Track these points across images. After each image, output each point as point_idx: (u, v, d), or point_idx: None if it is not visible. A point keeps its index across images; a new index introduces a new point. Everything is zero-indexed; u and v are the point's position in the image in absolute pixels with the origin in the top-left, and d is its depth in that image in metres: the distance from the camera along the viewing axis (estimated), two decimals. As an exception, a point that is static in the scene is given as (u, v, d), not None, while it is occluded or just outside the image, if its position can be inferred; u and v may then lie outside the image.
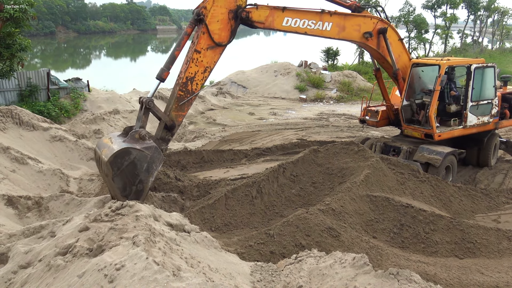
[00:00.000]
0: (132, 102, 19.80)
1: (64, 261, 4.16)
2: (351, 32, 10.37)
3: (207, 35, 7.91)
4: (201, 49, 7.94)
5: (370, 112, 12.93)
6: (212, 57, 8.09)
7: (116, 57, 66.40)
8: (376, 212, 8.04)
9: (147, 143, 7.40)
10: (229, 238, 7.26)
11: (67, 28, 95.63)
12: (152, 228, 4.47)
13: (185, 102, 8.04)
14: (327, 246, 6.59)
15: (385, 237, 7.66)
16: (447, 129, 11.74)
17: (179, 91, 7.98)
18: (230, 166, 12.27)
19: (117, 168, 7.10)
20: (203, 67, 8.06)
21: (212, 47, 8.02)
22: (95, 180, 10.69)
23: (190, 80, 8.00)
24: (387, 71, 12.09)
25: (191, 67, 7.94)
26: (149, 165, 7.31)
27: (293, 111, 23.10)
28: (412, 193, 9.07)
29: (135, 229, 4.40)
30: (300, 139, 15.79)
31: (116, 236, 4.31)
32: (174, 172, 10.59)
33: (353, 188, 8.25)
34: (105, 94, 20.12)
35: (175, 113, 8.06)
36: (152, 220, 4.79)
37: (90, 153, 12.00)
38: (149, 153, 7.28)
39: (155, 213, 5.06)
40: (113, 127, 15.49)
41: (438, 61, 11.80)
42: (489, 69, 12.24)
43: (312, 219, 6.98)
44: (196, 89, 8.06)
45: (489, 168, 12.79)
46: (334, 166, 9.57)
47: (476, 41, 51.62)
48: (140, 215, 4.67)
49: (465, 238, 7.61)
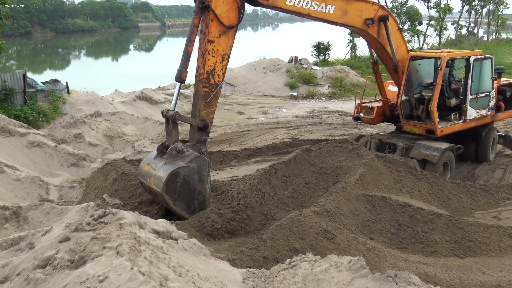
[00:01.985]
0: (114, 104, 19.66)
1: (44, 274, 4.10)
2: (353, 18, 10.49)
3: (216, 21, 7.89)
4: (214, 38, 7.94)
5: (364, 109, 12.97)
6: (227, 43, 8.12)
7: (97, 56, 65.98)
8: (372, 212, 8.06)
9: (188, 156, 7.62)
10: (220, 244, 7.22)
11: (44, 28, 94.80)
12: (137, 236, 4.43)
13: (212, 97, 8.11)
14: (322, 249, 6.59)
15: (383, 238, 7.68)
16: (448, 124, 11.81)
17: (203, 88, 8.04)
18: (219, 168, 12.23)
19: (173, 193, 7.45)
20: (220, 55, 8.09)
21: (224, 32, 8.02)
22: (76, 187, 10.59)
23: (211, 73, 8.06)
24: (386, 63, 12.14)
25: (209, 60, 7.96)
26: (200, 175, 7.63)
27: (284, 109, 23.11)
28: (409, 191, 9.11)
29: (118, 238, 4.35)
30: (292, 138, 15.79)
31: (99, 246, 4.26)
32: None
33: (348, 188, 8.27)
34: (86, 96, 19.96)
35: (205, 111, 8.13)
36: (137, 227, 4.75)
37: (70, 159, 11.88)
38: (195, 164, 7.56)
39: (140, 220, 5.01)
40: (95, 130, 15.37)
41: (438, 53, 11.88)
42: (487, 61, 12.36)
43: (306, 221, 6.97)
44: (219, 81, 8.13)
45: (488, 163, 12.90)
46: (327, 166, 9.59)
47: (472, 32, 52.15)
48: (124, 223, 4.62)
49: (465, 237, 7.67)
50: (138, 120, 17.81)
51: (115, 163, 10.50)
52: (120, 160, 10.90)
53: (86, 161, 12.20)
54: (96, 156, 13.11)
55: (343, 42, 40.66)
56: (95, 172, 10.81)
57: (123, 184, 9.48)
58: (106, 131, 15.66)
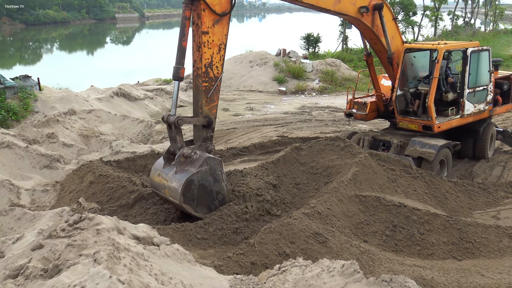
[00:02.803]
0: (90, 101, 19.50)
1: (16, 284, 4.06)
2: (346, 5, 10.56)
3: (208, 10, 7.88)
4: (207, 29, 7.95)
5: (357, 104, 13.04)
6: (222, 32, 8.14)
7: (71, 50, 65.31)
8: (366, 213, 8.12)
9: (197, 160, 7.82)
10: (205, 250, 7.22)
11: (12, 19, 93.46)
12: (115, 242, 4.41)
13: (213, 92, 8.19)
14: (314, 253, 6.62)
15: (377, 241, 7.74)
16: (445, 119, 11.93)
17: (203, 83, 8.09)
18: (203, 169, 12.19)
19: (192, 201, 7.70)
20: (217, 46, 8.13)
21: (217, 21, 8.04)
22: (50, 190, 10.48)
23: (209, 66, 8.11)
24: (380, 55, 12.22)
25: (205, 52, 7.99)
26: (214, 175, 7.87)
27: (272, 105, 23.15)
28: (405, 191, 9.20)
29: (96, 244, 4.33)
30: (281, 136, 15.82)
31: (75, 253, 4.24)
32: (140, 178, 10.47)
33: (340, 188, 8.32)
34: (59, 92, 19.76)
35: (208, 107, 8.25)
36: (115, 233, 4.73)
37: (43, 161, 11.75)
38: (207, 167, 7.78)
39: (119, 225, 4.99)
40: (69, 129, 15.23)
41: (434, 45, 11.99)
42: (484, 53, 12.51)
43: (296, 224, 7.00)
44: (218, 73, 8.22)
45: (486, 161, 13.07)
46: (318, 165, 9.64)
47: (468, 22, 52.78)
48: (102, 229, 4.60)
49: (463, 238, 7.76)
50: (115, 118, 17.68)
51: (91, 164, 10.42)
52: (96, 161, 10.81)
53: (60, 162, 12.08)
54: (70, 157, 12.98)
55: (334, 34, 40.85)
56: (70, 174, 10.71)
57: (100, 187, 9.41)
58: (81, 130, 15.52)
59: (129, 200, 8.93)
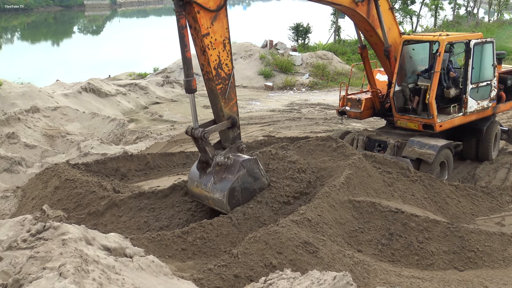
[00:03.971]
0: (55, 97, 19.32)
1: (-29, 302, 4.01)
2: None
3: (203, 10, 7.99)
4: (207, 30, 8.11)
5: (350, 101, 13.10)
6: (222, 26, 8.31)
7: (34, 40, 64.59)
8: (360, 220, 8.17)
9: (233, 165, 8.38)
10: (183, 262, 7.20)
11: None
12: (83, 254, 4.39)
13: (229, 90, 8.55)
14: (303, 264, 6.65)
15: (372, 250, 7.80)
16: (447, 117, 12.02)
17: (217, 86, 8.41)
18: (182, 172, 12.18)
19: (238, 205, 8.28)
20: (221, 44, 8.34)
21: (215, 18, 8.17)
22: (10, 197, 10.37)
23: (218, 67, 8.38)
24: (376, 48, 12.29)
25: (211, 55, 8.24)
26: (252, 175, 8.47)
27: (258, 102, 23.17)
28: (402, 195, 9.28)
29: (61, 256, 4.30)
30: (267, 136, 15.85)
31: (38, 266, 4.21)
32: (111, 182, 10.42)
33: (332, 193, 8.36)
34: (20, 88, 19.50)
35: (228, 107, 8.65)
36: (83, 244, 4.70)
37: (2, 164, 11.63)
38: (244, 170, 8.35)
39: (87, 235, 4.97)
40: (32, 129, 15.08)
41: (435, 36, 12.09)
42: (488, 45, 12.65)
43: (284, 232, 7.02)
44: (230, 70, 8.54)
45: (490, 162, 13.23)
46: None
47: (471, 12, 53.42)
48: (68, 239, 4.57)
49: (465, 246, 7.85)
50: (84, 116, 17.54)
51: (57, 167, 10.32)
52: (63, 164, 10.72)
53: (22, 165, 11.96)
54: (33, 160, 12.86)
55: (326, 24, 41.02)
56: (33, 178, 10.61)
57: (66, 193, 9.34)
58: (45, 129, 15.38)
59: (99, 207, 8.87)
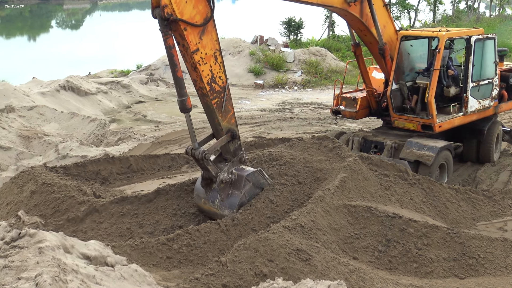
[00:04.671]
0: (32, 96, 19.21)
1: None
2: None
3: (189, 26, 8.01)
4: (196, 46, 8.15)
5: (345, 100, 13.14)
6: (211, 39, 8.37)
7: (8, 35, 64.20)
8: (356, 226, 8.19)
9: (238, 180, 8.60)
10: (169, 270, 7.18)
11: None
12: (61, 263, 4.36)
13: (225, 103, 8.67)
14: (296, 273, 6.64)
15: (368, 257, 7.82)
16: (447, 117, 12.10)
17: (212, 101, 8.50)
18: (167, 175, 12.16)
19: None
20: (212, 57, 8.41)
21: (203, 31, 8.22)
22: (-17, 202, 10.28)
23: (212, 81, 8.46)
24: (370, 47, 12.34)
25: (203, 70, 8.30)
26: (259, 187, 8.78)
27: (247, 101, 23.19)
28: (400, 199, 9.31)
29: (38, 265, 4.27)
30: (258, 137, 15.87)
31: (13, 276, 4.18)
32: (92, 186, 10.37)
33: (326, 197, 8.37)
34: (-6, 86, 19.40)
35: (226, 120, 8.79)
36: (61, 252, 4.68)
37: (-25, 167, 11.53)
38: (249, 184, 8.63)
39: (66, 243, 4.94)
40: (7, 129, 14.98)
41: (435, 32, 12.16)
42: (489, 41, 12.76)
43: (275, 239, 7.01)
44: (224, 82, 8.64)
45: (492, 164, 13.32)
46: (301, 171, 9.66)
47: (471, 7, 53.85)
48: (45, 247, 4.54)
49: (466, 253, 7.90)
50: (62, 116, 17.46)
51: (33, 171, 10.25)
52: (39, 167, 10.65)
53: (-4, 169, 11.87)
54: (8, 163, 12.77)
55: (319, 19, 41.20)
56: (7, 183, 10.53)
57: (44, 198, 9.27)
58: (21, 130, 15.28)
59: (79, 213, 8.82)
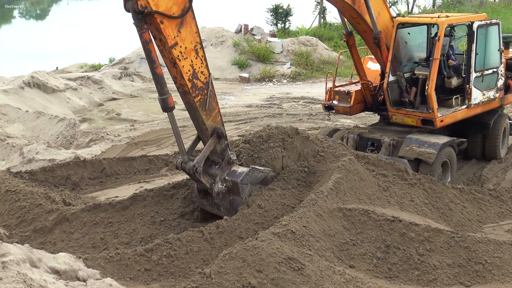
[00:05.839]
0: (-7, 94, 19.07)
1: None
2: None
3: (166, 19, 7.99)
4: (174, 39, 8.14)
5: (338, 94, 13.14)
6: (191, 32, 8.36)
7: (-34, 27, 63.69)
8: (352, 231, 8.20)
9: (235, 186, 8.80)
10: (147, 284, 7.16)
11: None
12: (28, 278, 4.33)
13: (209, 100, 8.72)
14: (287, 283, 6.64)
15: (366, 265, 7.84)
16: (448, 110, 12.12)
17: (195, 98, 8.54)
18: (144, 179, 12.14)
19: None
20: (192, 51, 8.39)
21: (181, 23, 8.20)
22: None
23: (194, 78, 8.47)
24: (364, 36, 12.36)
25: (183, 66, 8.29)
26: (258, 182, 9.00)
27: (232, 96, 23.18)
28: (400, 201, 9.34)
29: (1, 282, 4.23)
30: (243, 135, 15.83)
31: (-27, 295, 4.12)
32: (61, 193, 10.32)
33: (319, 201, 8.37)
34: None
35: (210, 119, 8.88)
36: (27, 266, 4.64)
37: None
38: (247, 186, 8.87)
39: (33, 256, 4.90)
40: (-35, 132, 14.83)
41: (434, 18, 12.20)
42: (493, 27, 12.83)
43: (264, 247, 7.01)
44: (207, 78, 8.68)
45: (498, 161, 13.40)
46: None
47: (474, -10, 54.18)
48: (9, 261, 4.50)
49: (472, 258, 7.94)
50: (27, 116, 17.35)
51: (-5, 177, 10.19)
52: (2, 173, 10.58)
53: (-47, 175, 11.74)
54: (-33, 168, 12.63)
55: (309, 5, 41.28)
56: (-33, 190, 10.43)
57: (7, 206, 9.23)
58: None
59: (47, 222, 8.78)
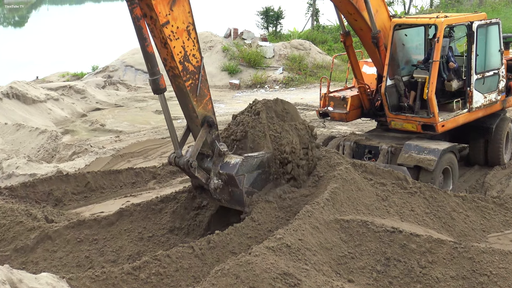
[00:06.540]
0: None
1: None
2: None
3: None
4: (166, 17, 8.14)
5: (333, 100, 13.14)
6: (183, 11, 8.37)
7: None
8: (350, 244, 8.20)
9: (230, 179, 8.79)
10: (136, 304, 7.12)
11: None
12: (8, 301, 4.30)
13: (200, 86, 8.73)
14: (283, 301, 6.63)
15: (366, 279, 7.83)
16: (450, 115, 12.15)
17: (185, 82, 8.53)
18: (131, 193, 12.10)
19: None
20: (184, 31, 8.41)
21: (174, 1, 8.20)
22: None
23: (185, 60, 8.46)
24: (361, 35, 12.38)
25: (174, 47, 8.28)
26: (254, 168, 9.04)
27: (222, 103, 23.20)
28: (399, 211, 9.35)
29: (-20, 305, 4.20)
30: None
31: (-50, 319, 4.10)
32: (43, 210, 10.27)
33: (315, 212, 8.37)
34: None
35: (201, 106, 8.86)
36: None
37: None
38: (244, 176, 8.84)
39: (13, 277, 4.88)
40: None
41: (432, 19, 12.26)
42: (493, 27, 12.89)
43: (258, 262, 7.00)
44: (198, 62, 8.68)
45: (502, 167, 13.43)
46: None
47: (473, -11, 54.52)
48: (-12, 283, 4.47)
49: (476, 270, 7.94)
50: (6, 128, 17.30)
51: (-27, 194, 10.15)
52: (-20, 189, 10.53)
53: None
54: None
55: (301, 7, 41.39)
56: None
57: (-14, 225, 9.16)
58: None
59: (28, 241, 8.74)
